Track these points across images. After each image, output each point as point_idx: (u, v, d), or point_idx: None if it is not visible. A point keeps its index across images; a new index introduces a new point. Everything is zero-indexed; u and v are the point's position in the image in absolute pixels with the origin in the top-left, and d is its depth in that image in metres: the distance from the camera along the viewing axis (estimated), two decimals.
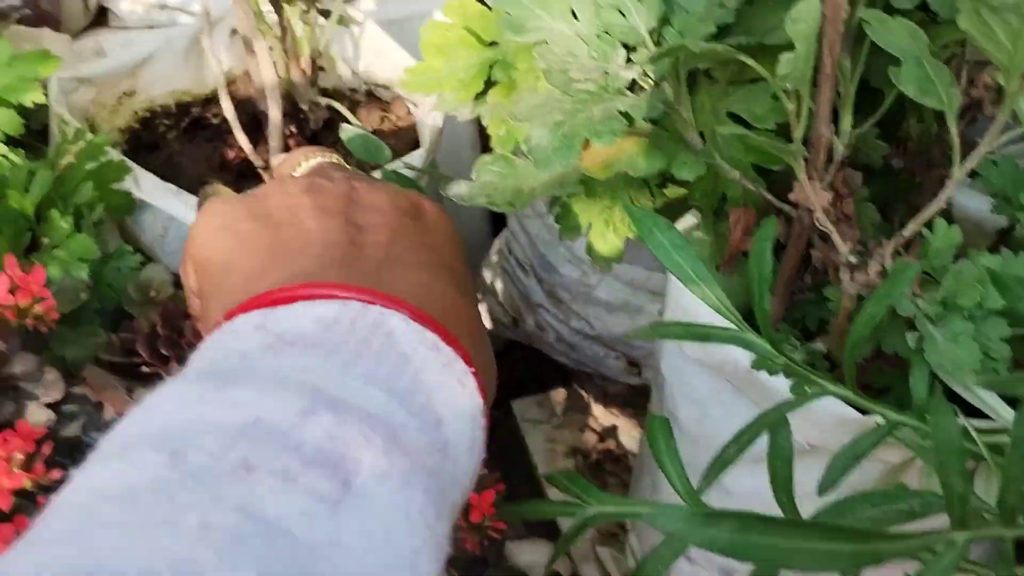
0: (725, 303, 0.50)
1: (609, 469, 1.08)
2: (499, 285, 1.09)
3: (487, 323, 1.14)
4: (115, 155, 0.76)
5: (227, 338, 0.40)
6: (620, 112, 0.54)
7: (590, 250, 0.72)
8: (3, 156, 0.65)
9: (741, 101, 0.63)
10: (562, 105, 0.54)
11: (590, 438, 1.09)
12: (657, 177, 0.68)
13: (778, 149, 0.54)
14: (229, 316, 0.41)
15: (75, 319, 0.68)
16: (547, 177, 0.62)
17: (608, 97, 0.55)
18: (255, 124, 0.90)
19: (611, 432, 1.09)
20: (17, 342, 0.61)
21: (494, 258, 1.10)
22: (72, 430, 0.65)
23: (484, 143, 1.27)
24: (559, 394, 1.12)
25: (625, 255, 0.71)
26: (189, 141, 0.91)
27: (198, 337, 0.66)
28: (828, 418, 0.56)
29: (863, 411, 0.53)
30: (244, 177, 0.88)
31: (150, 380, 0.68)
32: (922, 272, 0.54)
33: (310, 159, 0.56)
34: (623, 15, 0.60)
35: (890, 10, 0.55)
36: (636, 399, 1.08)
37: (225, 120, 0.91)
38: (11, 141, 0.70)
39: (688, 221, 0.71)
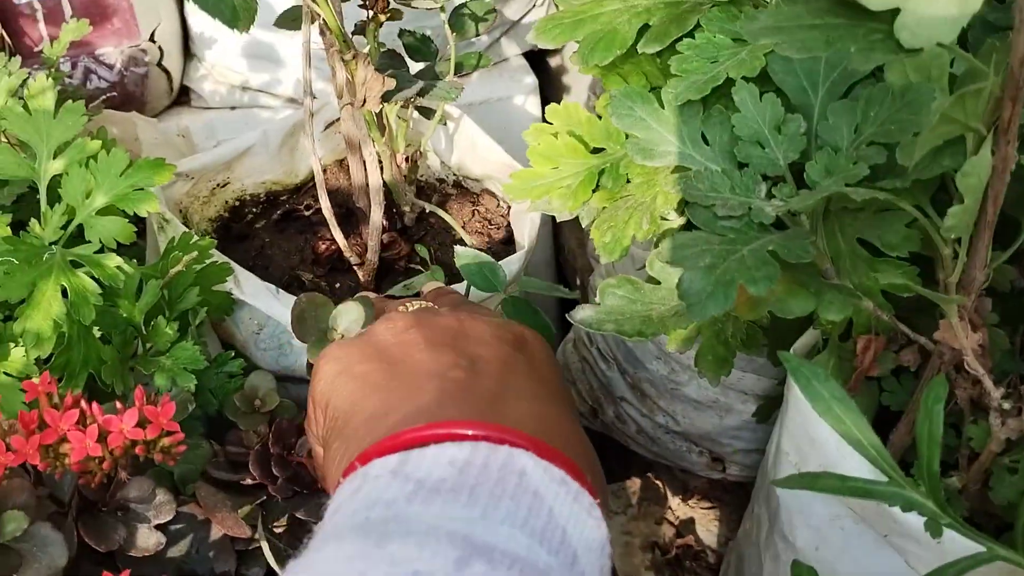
0: (887, 460, 0.49)
1: (687, 565, 1.05)
2: (578, 374, 1.07)
3: None
4: (219, 257, 0.75)
5: (368, 486, 0.41)
6: (770, 252, 0.53)
7: (699, 362, 0.71)
8: (118, 268, 0.64)
9: (874, 228, 0.62)
10: (711, 246, 0.52)
11: (667, 531, 1.07)
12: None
13: (934, 296, 0.53)
14: (364, 460, 0.43)
15: (182, 432, 0.67)
16: (677, 303, 0.61)
17: (755, 236, 0.54)
18: (346, 216, 0.90)
19: (689, 526, 1.06)
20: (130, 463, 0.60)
21: (570, 347, 1.09)
22: (180, 549, 0.64)
23: (557, 239, 1.27)
24: (635, 484, 1.10)
25: None
26: (280, 232, 0.91)
27: (309, 458, 0.65)
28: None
29: None
30: (336, 271, 0.88)
31: (255, 495, 0.66)
32: None
33: (410, 308, 0.59)
34: (762, 147, 0.59)
35: None
36: (715, 492, 1.06)
37: (316, 211, 0.90)
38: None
39: (806, 340, 0.70)
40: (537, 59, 1.24)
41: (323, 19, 0.70)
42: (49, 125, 0.69)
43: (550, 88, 1.28)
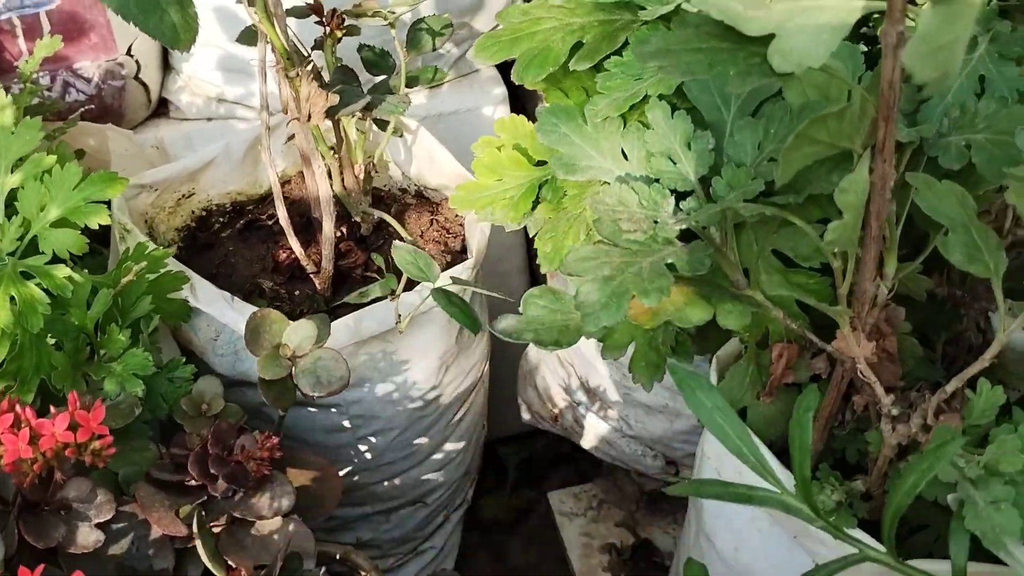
0: (767, 467, 0.51)
1: (642, 567, 1.08)
2: (539, 380, 1.09)
3: (526, 415, 1.14)
4: (174, 265, 0.78)
5: None
6: (668, 265, 0.55)
7: (633, 367, 0.73)
8: (68, 278, 0.68)
9: (786, 240, 0.64)
10: (611, 258, 0.55)
11: (625, 534, 1.09)
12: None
13: (824, 308, 0.55)
14: None
15: (127, 434, 0.70)
16: None
17: (657, 248, 0.56)
18: (307, 225, 0.93)
19: (644, 528, 1.09)
20: (71, 465, 0.63)
21: (532, 353, 1.12)
22: (120, 547, 0.67)
23: (530, 246, 1.29)
24: (595, 487, 1.13)
25: None
26: (243, 241, 0.94)
27: (246, 456, 0.68)
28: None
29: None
30: (295, 279, 0.91)
31: (196, 495, 0.69)
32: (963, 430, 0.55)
33: None
34: (673, 162, 0.62)
35: (936, 169, 0.56)
36: (672, 497, 1.08)
37: (277, 221, 0.93)
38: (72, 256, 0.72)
39: (730, 347, 0.72)
40: (510, 69, 1.27)
41: (267, 38, 0.73)
42: (7, 140, 0.72)
43: (527, 98, 1.31)
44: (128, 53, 1.10)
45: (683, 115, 0.62)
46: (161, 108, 1.19)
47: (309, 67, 0.74)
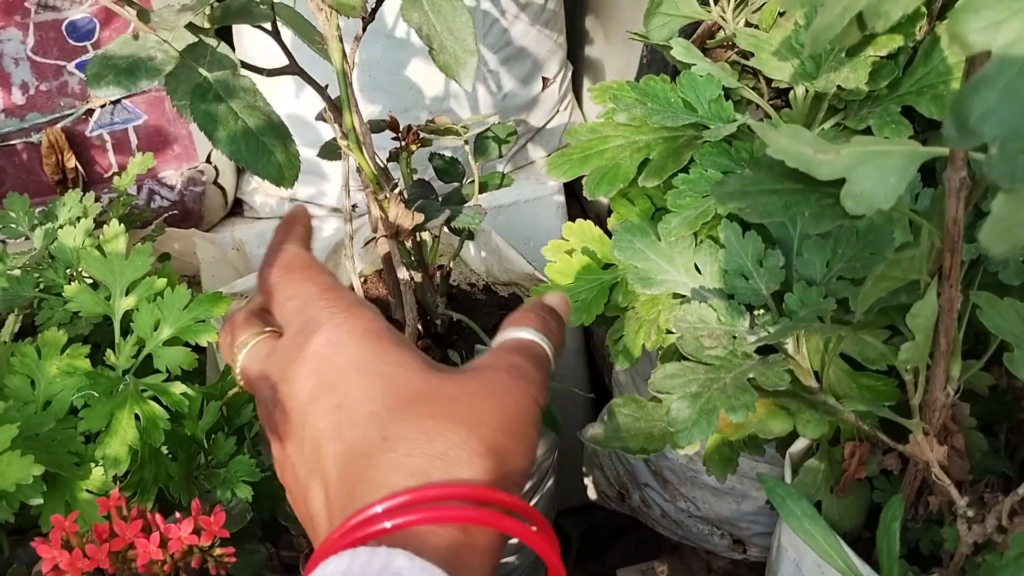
0: (853, 568, 0.55)
1: None
2: (605, 462, 1.13)
3: (592, 495, 1.18)
4: None
5: None
6: (749, 379, 0.60)
7: (707, 462, 0.77)
8: (183, 394, 0.73)
9: (854, 344, 0.69)
10: (696, 375, 0.59)
11: None
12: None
13: (897, 419, 0.59)
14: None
15: (240, 538, 0.75)
16: None
17: (738, 363, 0.61)
18: None
19: None
20: (195, 571, 0.68)
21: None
22: None
23: (587, 329, 1.34)
24: (663, 565, 1.16)
25: None
26: None
27: None
28: None
29: None
30: None
31: None
32: None
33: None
34: (746, 278, 0.66)
35: (998, 286, 0.61)
36: (739, 571, 1.12)
37: None
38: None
39: (801, 444, 0.76)
40: None
41: (357, 162, 0.79)
42: (121, 266, 0.78)
43: (578, 183, 1.36)
44: (207, 160, 1.17)
45: (753, 235, 0.67)
46: (236, 208, 1.26)
47: (396, 190, 0.79)
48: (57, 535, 0.62)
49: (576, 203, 1.36)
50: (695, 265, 0.70)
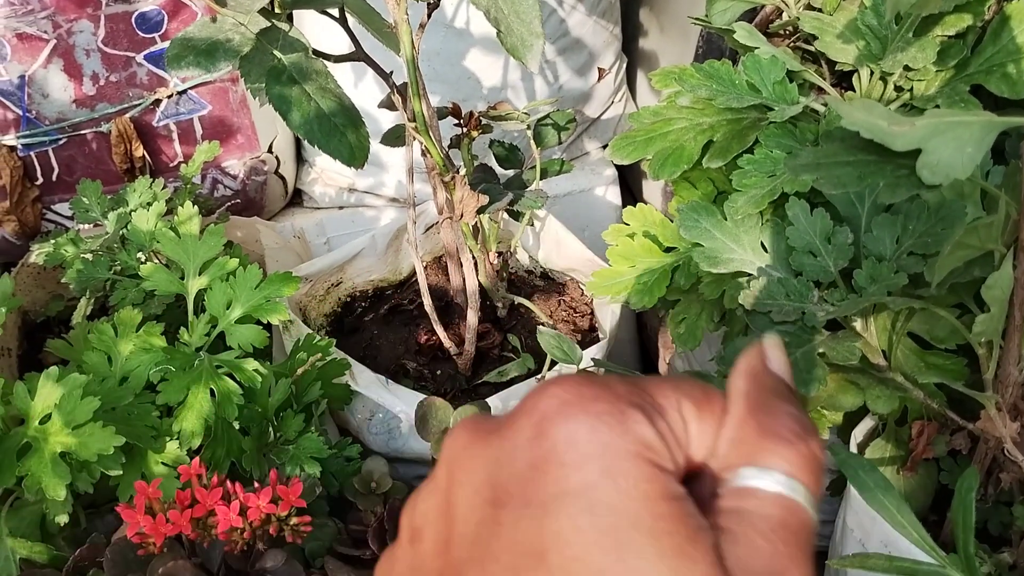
0: (928, 542, 0.55)
1: None
2: None
3: None
4: (337, 353, 0.86)
5: None
6: (820, 354, 0.60)
7: None
8: (255, 371, 0.75)
9: (922, 324, 0.69)
10: None
11: None
12: None
13: (970, 393, 0.59)
14: None
15: (310, 512, 0.76)
16: None
17: (808, 339, 0.61)
18: (446, 308, 1.00)
19: None
20: (270, 539, 0.70)
21: None
22: None
23: (639, 316, 1.34)
24: None
25: None
26: (386, 324, 1.01)
27: None
28: None
29: None
30: (436, 359, 0.97)
31: (373, 567, 0.75)
32: None
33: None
34: (814, 255, 0.67)
35: None
36: None
37: (418, 304, 1.00)
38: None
39: (867, 423, 0.76)
40: None
41: (424, 146, 0.80)
42: (195, 247, 0.81)
43: (630, 174, 1.37)
44: (269, 150, 1.19)
45: (822, 212, 0.67)
46: (295, 199, 1.28)
47: (462, 172, 0.81)
48: (141, 501, 0.63)
49: (630, 196, 1.37)
50: (761, 244, 0.70)
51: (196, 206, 0.92)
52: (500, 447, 0.30)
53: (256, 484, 0.68)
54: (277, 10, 0.74)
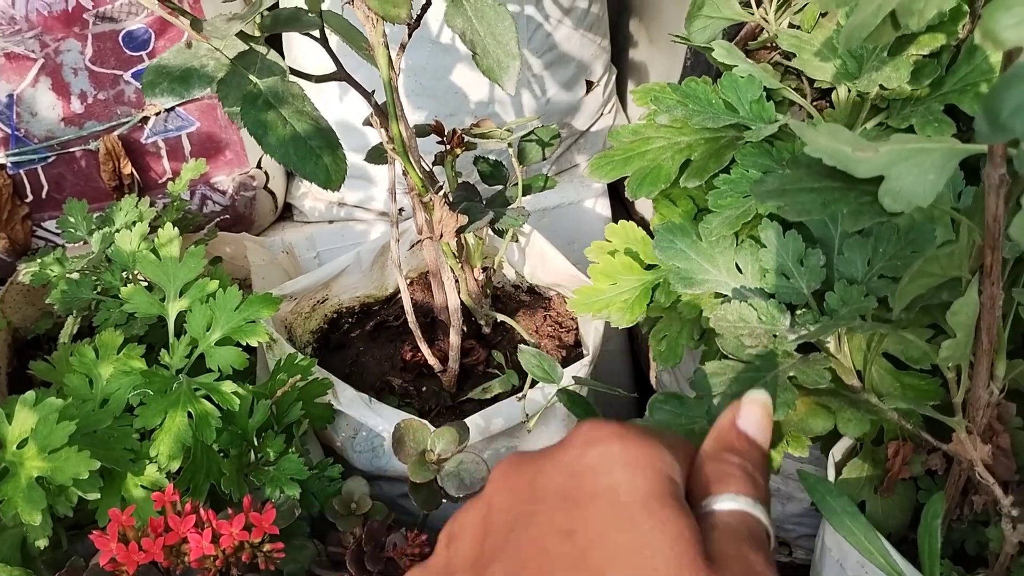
0: (895, 566, 0.55)
1: None
2: None
3: None
4: (319, 372, 0.86)
5: None
6: (790, 378, 0.60)
7: None
8: (234, 393, 0.75)
9: (897, 343, 0.68)
10: (737, 374, 0.60)
11: None
12: None
13: (940, 417, 0.59)
14: None
15: (289, 534, 0.76)
16: None
17: (779, 361, 0.61)
18: (430, 325, 1.00)
19: None
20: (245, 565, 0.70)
21: None
22: None
23: (631, 330, 1.34)
24: None
25: None
26: (372, 341, 1.01)
27: (398, 553, 0.74)
28: None
29: None
30: (422, 376, 0.97)
31: None
32: None
33: None
34: (787, 278, 0.67)
35: None
36: (785, 573, 1.11)
37: (404, 321, 1.01)
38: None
39: (844, 443, 0.76)
40: None
41: (403, 167, 0.81)
42: (175, 269, 0.81)
43: (622, 186, 1.37)
44: (258, 166, 1.20)
45: (794, 234, 0.67)
46: (285, 212, 1.29)
47: (441, 192, 0.81)
48: (114, 528, 0.64)
49: (621, 207, 1.36)
50: (736, 265, 0.70)
51: (181, 224, 0.93)
52: (546, 459, 0.38)
53: (230, 511, 0.68)
54: (256, 33, 0.74)
